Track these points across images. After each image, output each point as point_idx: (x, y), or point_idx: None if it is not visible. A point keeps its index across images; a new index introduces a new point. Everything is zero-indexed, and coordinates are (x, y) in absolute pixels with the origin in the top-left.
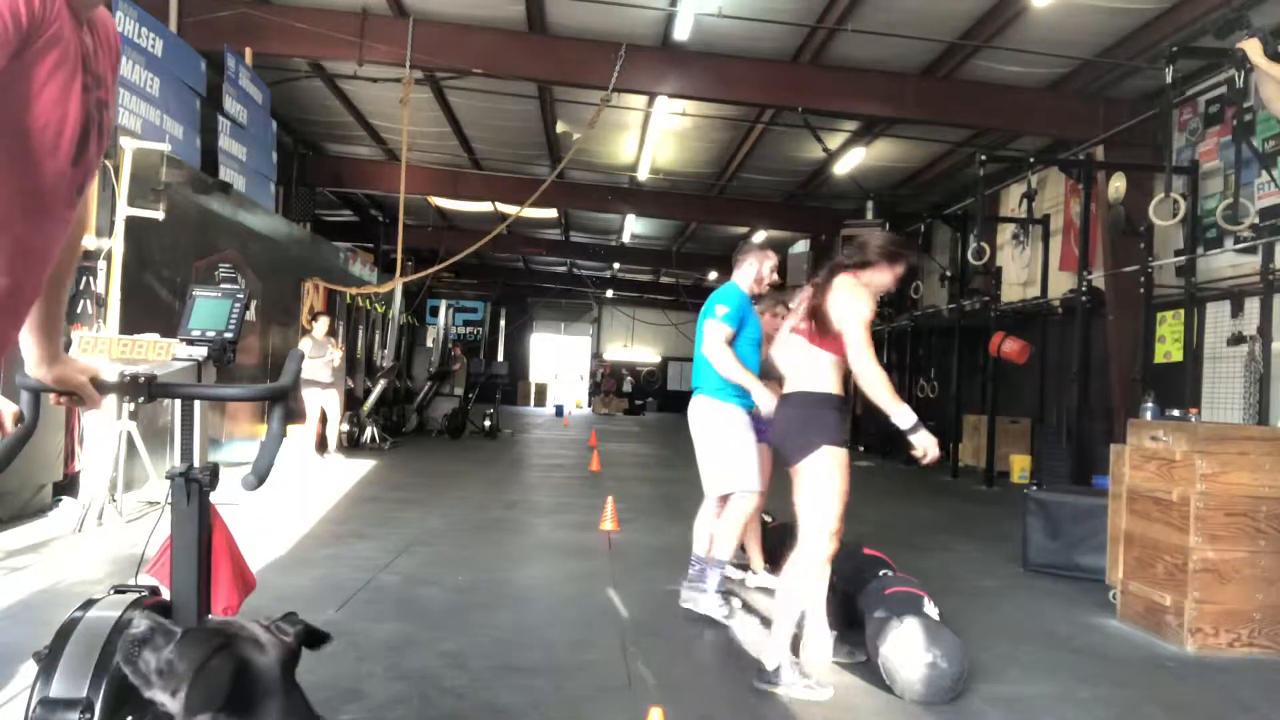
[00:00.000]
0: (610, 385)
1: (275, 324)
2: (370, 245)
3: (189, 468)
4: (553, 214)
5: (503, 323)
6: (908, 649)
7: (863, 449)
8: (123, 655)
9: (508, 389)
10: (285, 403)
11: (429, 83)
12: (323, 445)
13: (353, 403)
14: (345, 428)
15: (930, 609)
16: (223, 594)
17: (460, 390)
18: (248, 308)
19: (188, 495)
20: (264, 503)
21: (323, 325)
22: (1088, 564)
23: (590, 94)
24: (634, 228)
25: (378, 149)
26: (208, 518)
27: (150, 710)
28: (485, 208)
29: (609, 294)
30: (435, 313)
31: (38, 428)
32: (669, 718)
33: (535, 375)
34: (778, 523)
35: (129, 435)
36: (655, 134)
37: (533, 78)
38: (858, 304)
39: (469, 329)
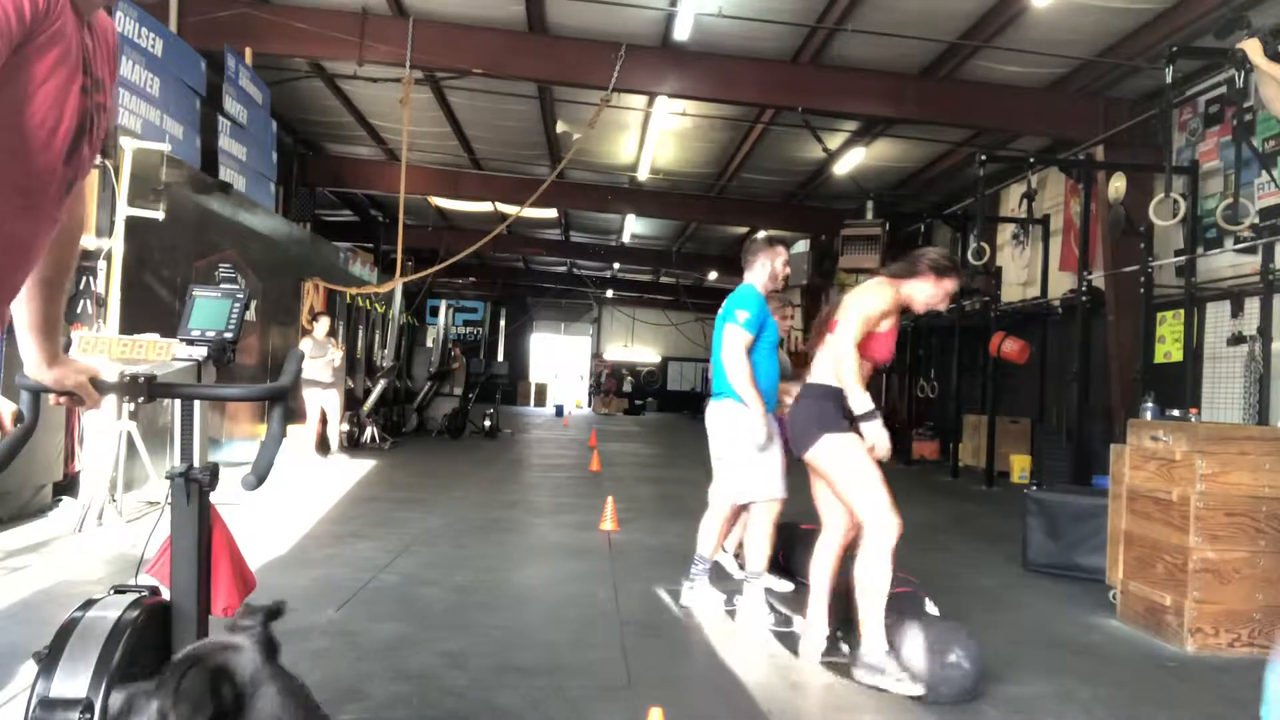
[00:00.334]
0: (611, 385)
1: (275, 324)
2: (370, 245)
3: (189, 468)
4: (553, 214)
5: (503, 323)
6: (930, 650)
7: None
8: None
9: (508, 389)
10: (285, 403)
11: (429, 83)
12: (324, 445)
13: (353, 403)
14: (345, 428)
15: (930, 609)
16: (223, 594)
17: (460, 390)
18: (248, 308)
19: (188, 495)
20: (264, 503)
21: (323, 325)
22: (1088, 564)
23: (590, 94)
24: (634, 228)
25: (378, 149)
26: (208, 518)
27: None
28: (485, 208)
29: (609, 294)
30: (435, 313)
31: (38, 428)
32: (669, 718)
33: (535, 375)
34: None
35: (129, 435)
36: (655, 134)
37: (533, 78)
38: (868, 298)
39: (469, 329)
